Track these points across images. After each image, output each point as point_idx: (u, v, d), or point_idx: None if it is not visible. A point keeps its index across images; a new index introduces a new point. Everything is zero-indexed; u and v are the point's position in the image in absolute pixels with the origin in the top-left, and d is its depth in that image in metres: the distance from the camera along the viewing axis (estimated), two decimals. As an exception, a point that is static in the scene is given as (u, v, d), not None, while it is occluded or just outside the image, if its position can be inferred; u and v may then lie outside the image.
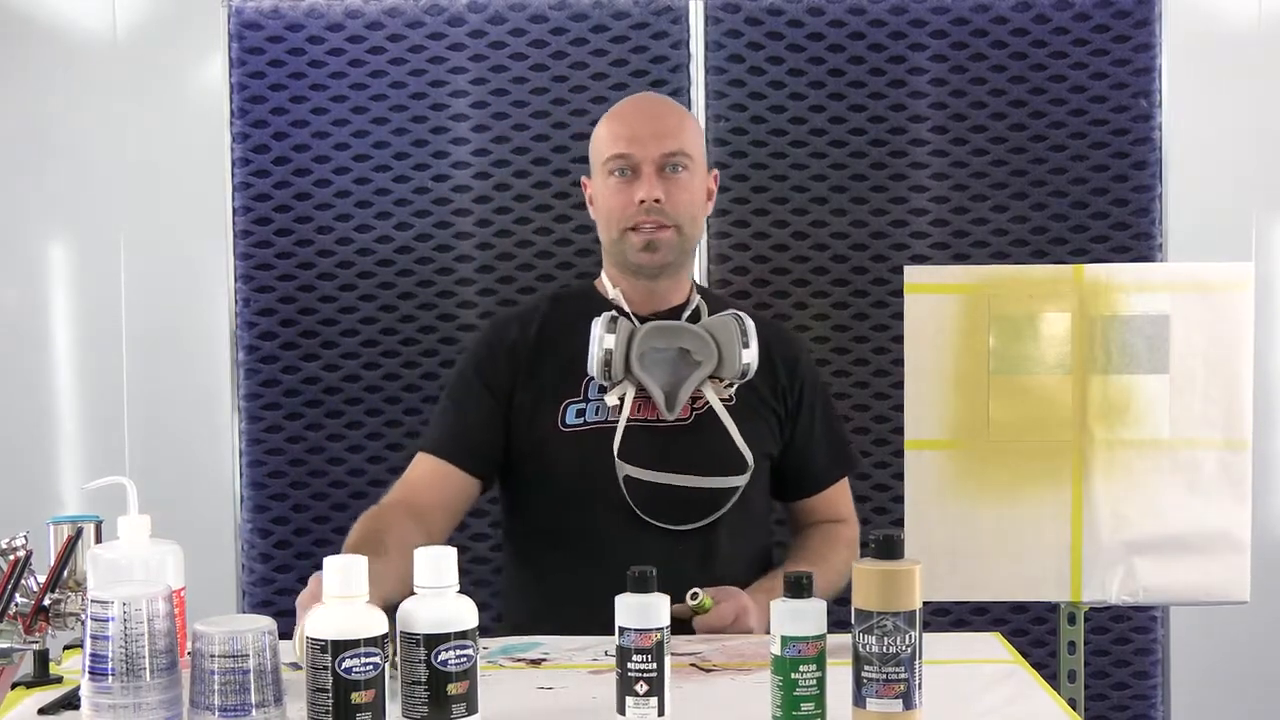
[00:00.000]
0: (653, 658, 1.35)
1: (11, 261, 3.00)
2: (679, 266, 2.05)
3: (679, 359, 1.97)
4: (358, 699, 1.27)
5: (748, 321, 1.98)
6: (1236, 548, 1.99)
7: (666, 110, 2.07)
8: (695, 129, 2.07)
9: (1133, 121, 2.42)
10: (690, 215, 2.02)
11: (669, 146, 1.99)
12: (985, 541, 2.00)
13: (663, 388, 1.97)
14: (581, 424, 2.00)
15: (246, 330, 2.46)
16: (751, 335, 1.96)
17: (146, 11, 2.98)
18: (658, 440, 1.98)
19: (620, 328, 1.96)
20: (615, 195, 2.01)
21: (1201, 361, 1.98)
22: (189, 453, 2.94)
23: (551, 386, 2.02)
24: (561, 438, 2.00)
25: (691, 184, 2.02)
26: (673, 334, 1.98)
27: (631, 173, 2.00)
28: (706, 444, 1.99)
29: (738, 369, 1.96)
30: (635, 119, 2.02)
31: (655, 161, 1.98)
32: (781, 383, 2.07)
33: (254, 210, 2.45)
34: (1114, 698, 2.45)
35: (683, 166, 2.00)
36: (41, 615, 1.54)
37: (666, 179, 1.99)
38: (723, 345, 1.96)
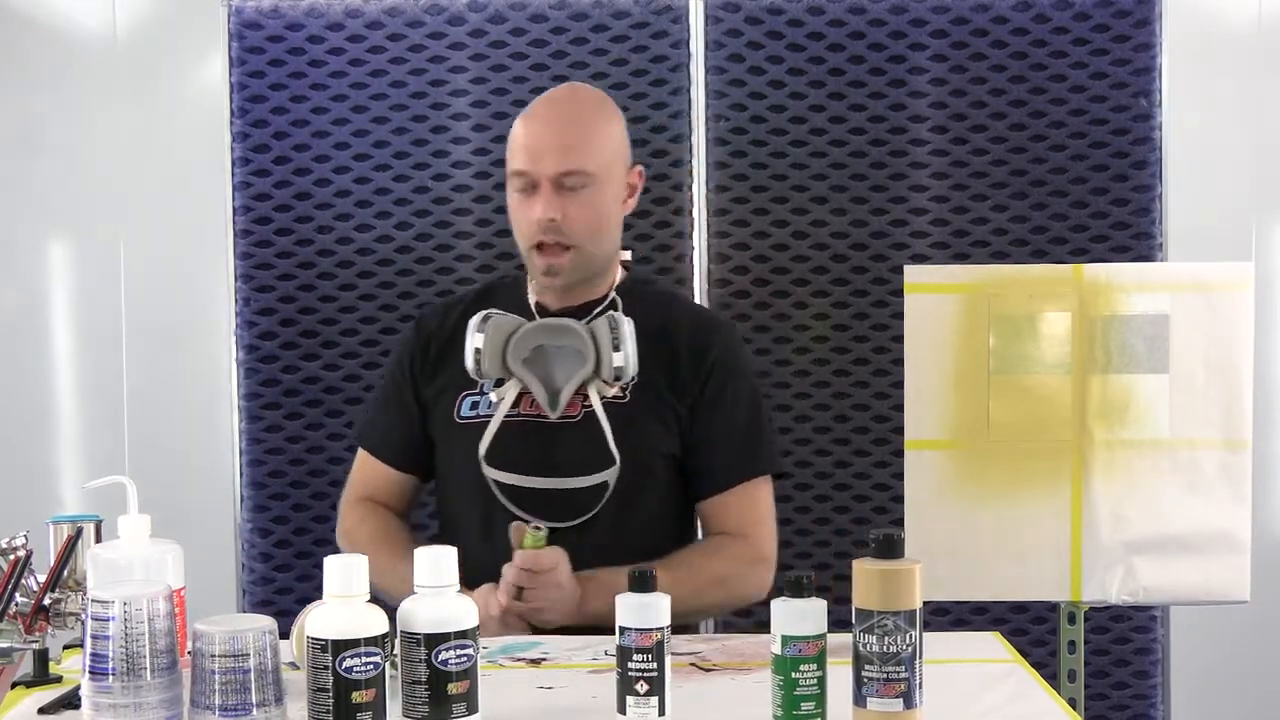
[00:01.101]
0: (653, 657, 1.35)
1: (11, 261, 3.00)
2: (588, 279, 2.02)
3: (575, 357, 1.94)
4: (358, 698, 1.27)
5: (623, 325, 1.92)
6: (1236, 548, 1.99)
7: (571, 120, 1.98)
8: (607, 136, 1.99)
9: (1133, 121, 2.42)
10: (591, 233, 1.97)
11: (565, 164, 1.93)
12: (985, 541, 2.00)
13: (548, 386, 1.95)
14: (474, 416, 2.00)
15: (246, 330, 2.46)
16: (625, 338, 1.91)
17: (146, 11, 2.98)
18: (537, 438, 1.96)
19: (492, 326, 1.94)
20: (518, 210, 1.98)
21: (1201, 361, 1.98)
22: (189, 452, 2.94)
23: (456, 379, 2.01)
24: (456, 429, 2.01)
25: (594, 200, 1.95)
26: (555, 332, 1.95)
27: (532, 188, 1.95)
28: (583, 443, 1.95)
29: (611, 372, 1.92)
30: (536, 132, 1.96)
31: (552, 179, 1.93)
32: (684, 377, 2.00)
33: (254, 210, 2.45)
34: (1114, 698, 2.45)
35: (583, 184, 1.94)
36: (41, 615, 1.54)
37: (565, 196, 1.94)
38: (600, 347, 1.93)
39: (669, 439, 2.00)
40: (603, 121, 2.00)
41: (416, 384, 2.07)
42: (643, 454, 1.96)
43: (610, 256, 2.04)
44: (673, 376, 2.00)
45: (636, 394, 1.97)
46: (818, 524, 2.45)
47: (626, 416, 1.95)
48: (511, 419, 1.96)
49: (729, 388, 2.01)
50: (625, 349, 1.91)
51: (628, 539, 1.94)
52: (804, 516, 2.45)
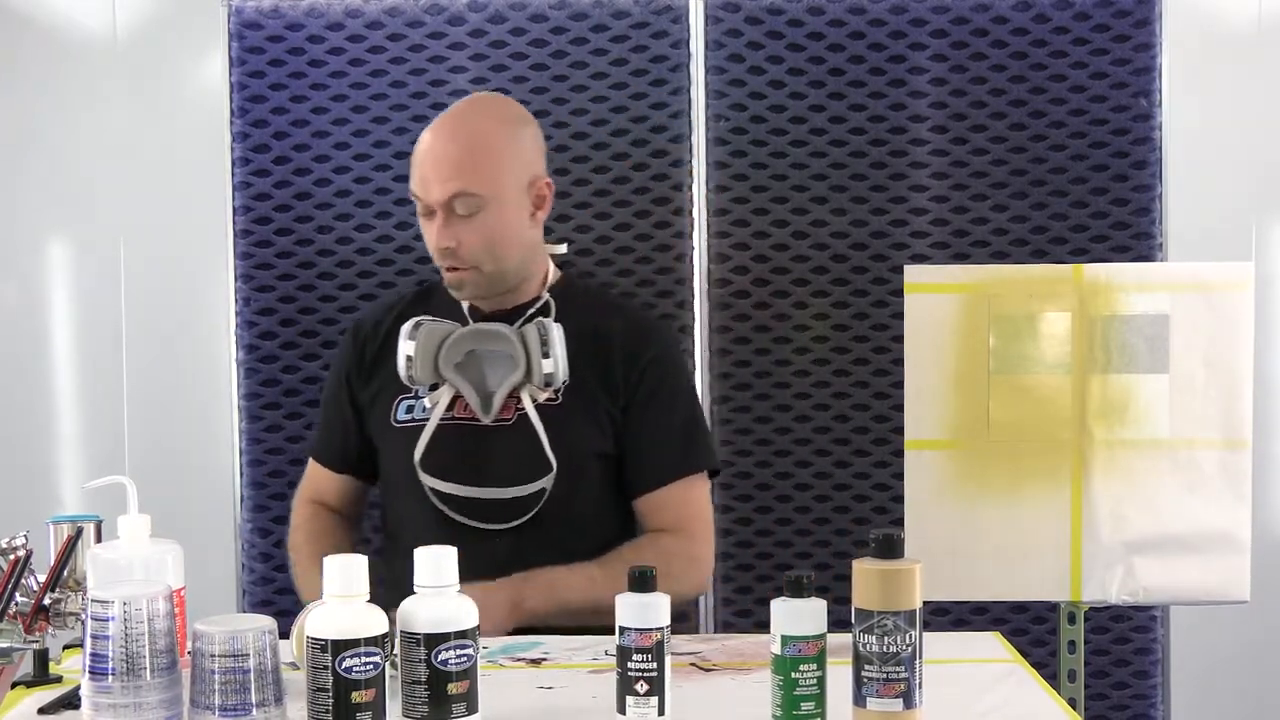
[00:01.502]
0: (653, 657, 1.35)
1: (11, 261, 3.00)
2: (502, 290, 2.03)
3: (507, 362, 1.96)
4: (358, 698, 1.27)
5: (552, 332, 1.94)
6: (1236, 548, 1.99)
7: (466, 141, 1.96)
8: (498, 154, 1.96)
9: (1133, 121, 2.42)
10: (489, 255, 1.97)
11: (452, 189, 1.93)
12: (985, 541, 2.00)
13: (481, 390, 1.97)
14: (409, 420, 2.02)
15: (246, 330, 2.46)
16: (554, 344, 1.93)
17: (146, 11, 2.98)
18: (472, 442, 1.98)
19: (423, 333, 1.96)
20: (423, 228, 2.01)
21: (1201, 361, 1.98)
22: (189, 452, 2.94)
23: (392, 382, 2.02)
24: (393, 433, 2.03)
25: (488, 222, 1.95)
26: (485, 337, 1.98)
27: (429, 213, 1.97)
28: (518, 447, 1.96)
29: (541, 378, 1.94)
30: (428, 157, 1.96)
31: (444, 205, 1.94)
32: (616, 378, 2.02)
33: (254, 210, 2.45)
34: (1114, 698, 2.45)
35: (475, 208, 1.94)
36: (41, 615, 1.54)
37: (459, 221, 1.94)
38: (530, 353, 1.95)
39: (603, 439, 2.01)
40: (499, 139, 1.98)
41: (352, 388, 2.10)
42: (577, 456, 1.98)
43: (522, 268, 2.04)
44: (606, 377, 2.02)
45: (569, 396, 1.99)
46: (817, 524, 2.45)
47: (559, 419, 1.97)
48: (446, 423, 1.98)
49: (664, 387, 2.04)
50: (555, 355, 1.93)
51: (566, 539, 1.97)
52: (804, 516, 2.45)
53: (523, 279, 2.05)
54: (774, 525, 2.45)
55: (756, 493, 2.45)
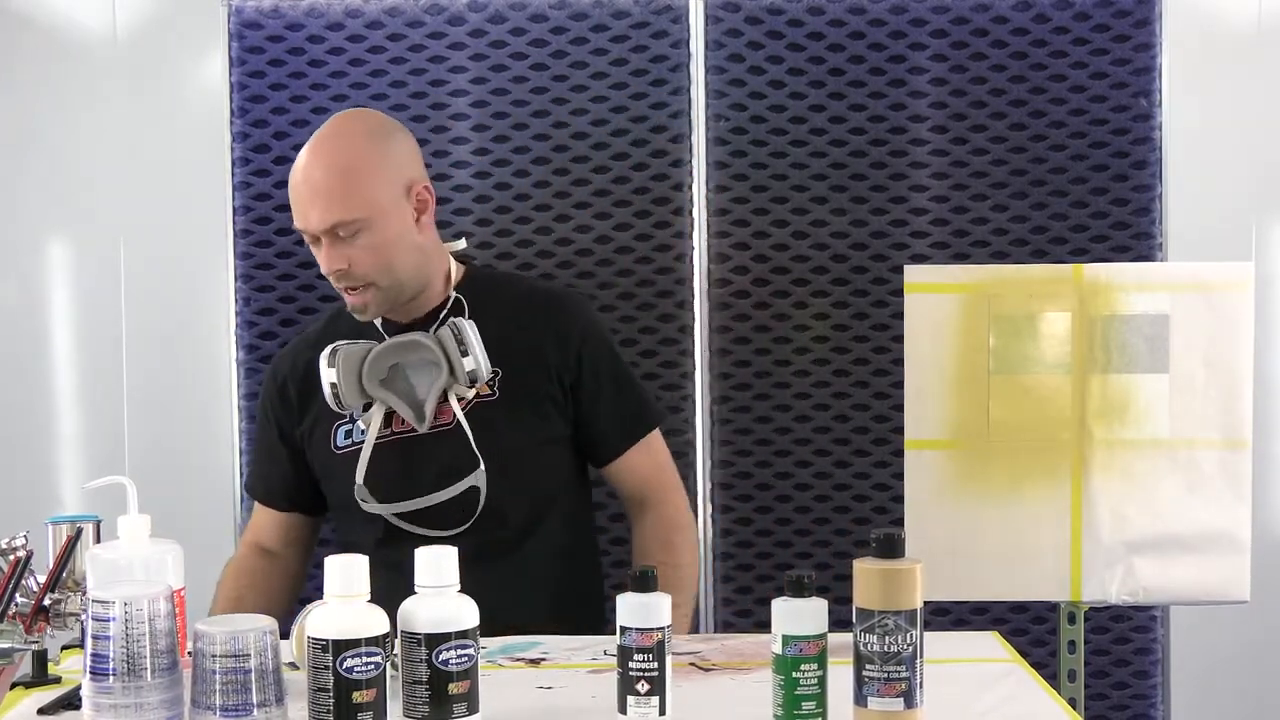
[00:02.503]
0: (654, 657, 1.35)
1: (11, 261, 3.00)
2: (406, 299, 2.01)
3: (430, 368, 1.96)
4: (359, 698, 1.27)
5: (466, 329, 1.94)
6: (1236, 547, 1.99)
7: (331, 167, 1.92)
8: (368, 174, 1.92)
9: (1133, 121, 2.42)
10: (382, 268, 1.95)
11: (331, 219, 1.90)
12: (985, 541, 2.00)
13: (411, 401, 1.96)
14: (350, 445, 2.01)
15: (246, 330, 2.46)
16: (470, 343, 1.93)
17: (146, 11, 2.98)
18: (413, 453, 1.98)
19: (342, 357, 1.95)
20: (315, 254, 1.98)
21: (1201, 361, 1.99)
22: (189, 452, 2.94)
23: (325, 411, 2.02)
24: (335, 459, 2.02)
25: (373, 241, 1.93)
26: (404, 349, 1.97)
27: (315, 241, 1.95)
28: (453, 450, 1.96)
29: (465, 378, 1.94)
30: (301, 188, 1.93)
31: (326, 233, 1.92)
32: (552, 363, 2.02)
33: (254, 210, 2.45)
34: (1114, 698, 2.45)
35: (356, 230, 1.91)
36: (41, 615, 1.54)
37: (344, 244, 1.92)
38: (450, 354, 1.94)
39: (548, 424, 2.02)
40: (367, 157, 1.94)
41: (280, 427, 2.10)
42: (515, 447, 1.98)
43: (420, 274, 2.01)
44: (541, 357, 2.02)
45: (505, 387, 1.99)
46: (818, 524, 2.45)
47: (498, 411, 1.98)
48: (385, 440, 1.98)
49: (601, 357, 2.07)
50: (473, 352, 1.94)
51: (521, 531, 1.99)
52: (804, 516, 2.45)
53: (424, 285, 2.02)
54: (774, 525, 2.45)
55: (757, 493, 2.45)
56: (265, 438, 2.14)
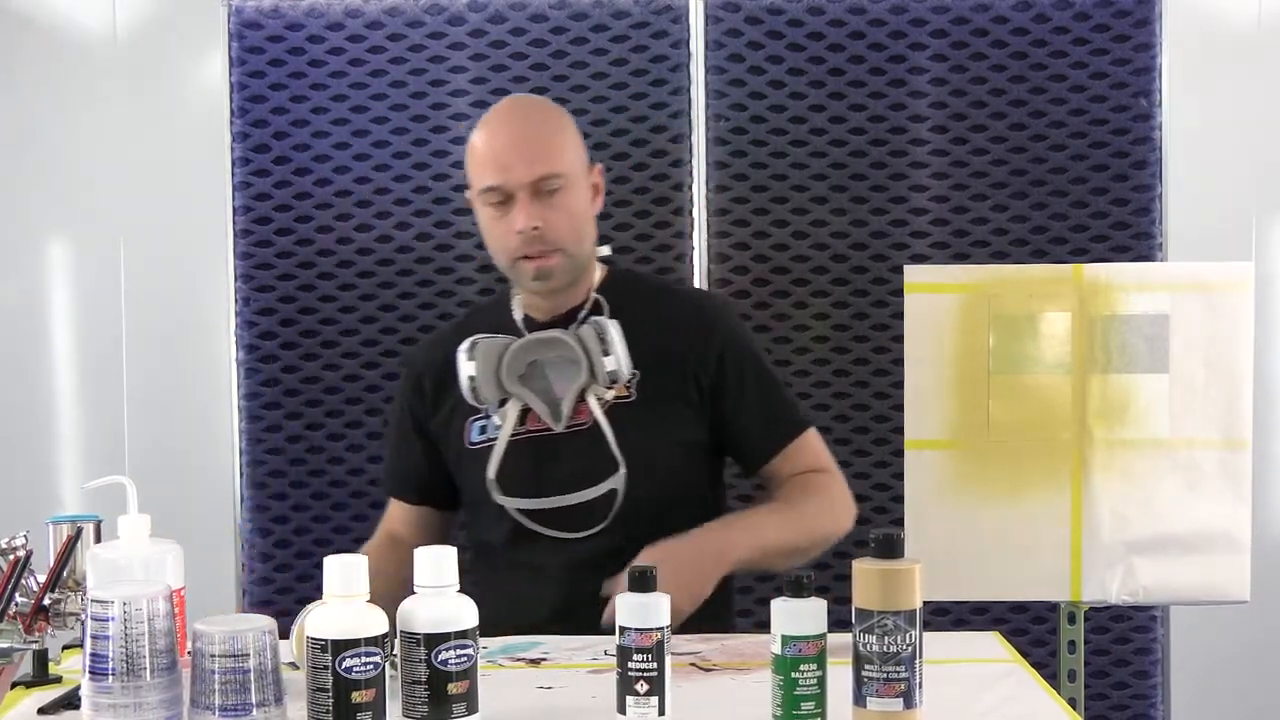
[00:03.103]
0: (653, 657, 1.35)
1: (11, 261, 3.00)
2: (576, 281, 2.01)
3: (569, 366, 1.94)
4: (358, 698, 1.27)
5: (609, 329, 1.92)
6: (1236, 547, 1.99)
7: (535, 125, 1.98)
8: (568, 136, 1.99)
9: (1133, 121, 2.42)
10: (574, 234, 1.96)
11: (540, 170, 1.92)
12: (985, 541, 2.00)
13: (548, 399, 1.94)
14: (484, 440, 2.00)
15: (246, 330, 2.46)
16: (613, 343, 1.91)
17: (146, 11, 2.98)
18: (546, 453, 1.96)
19: (482, 352, 1.94)
20: (495, 226, 1.97)
21: (1201, 361, 1.99)
22: (189, 452, 2.94)
23: (461, 406, 2.01)
24: (469, 454, 2.01)
25: (570, 201, 1.95)
26: (544, 345, 1.95)
27: (507, 201, 1.94)
28: (589, 451, 1.94)
29: (605, 378, 1.92)
30: (504, 143, 1.95)
31: (528, 187, 1.92)
32: (691, 367, 2.00)
33: (254, 210, 2.45)
34: (1114, 698, 2.45)
35: (558, 187, 1.93)
36: (41, 615, 1.54)
37: (543, 203, 1.93)
38: (590, 353, 1.93)
39: (685, 428, 2.00)
40: (560, 123, 2.00)
41: (416, 420, 2.09)
42: (653, 450, 1.96)
43: (591, 257, 2.04)
44: (681, 361, 2.00)
45: (644, 388, 1.97)
46: (818, 524, 2.45)
47: (635, 414, 1.96)
48: (520, 436, 1.97)
49: (745, 362, 2.03)
50: (615, 351, 1.92)
51: (653, 535, 1.92)
52: (804, 516, 2.45)
53: (584, 272, 2.02)
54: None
55: (757, 492, 2.45)
56: (399, 431, 2.13)
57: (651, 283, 2.23)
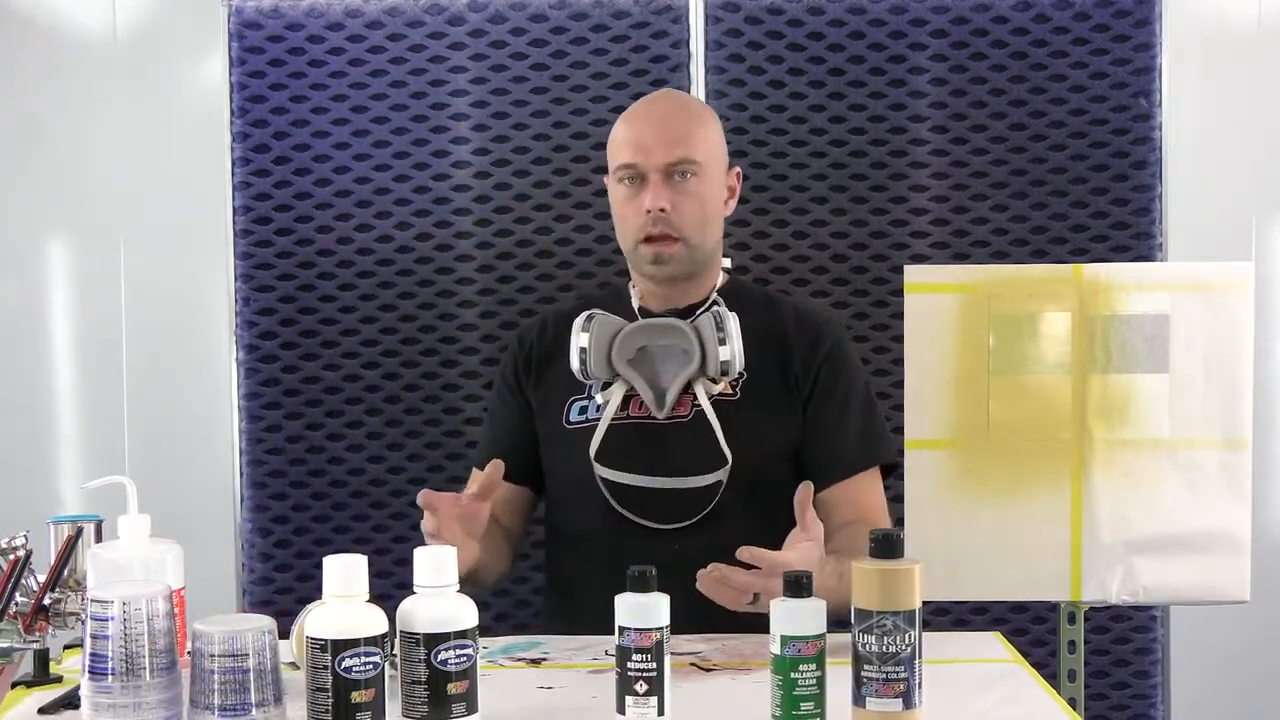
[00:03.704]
0: (652, 657, 1.35)
1: (11, 261, 3.00)
2: (694, 274, 2.03)
3: (680, 357, 1.95)
4: (358, 698, 1.27)
5: (728, 320, 1.93)
6: (1236, 548, 1.99)
7: (678, 113, 2.02)
8: (710, 130, 2.03)
9: (1133, 121, 2.42)
10: (699, 225, 1.98)
11: (675, 154, 1.96)
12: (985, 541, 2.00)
13: (654, 386, 1.95)
14: (583, 420, 2.00)
15: (246, 330, 2.46)
16: (731, 334, 1.92)
17: (146, 11, 2.98)
18: (647, 439, 1.96)
19: (597, 325, 1.95)
20: (625, 204, 2.00)
21: (1201, 361, 1.98)
22: (189, 453, 2.94)
23: (563, 385, 2.02)
24: (564, 434, 2.01)
25: (701, 191, 1.98)
26: (658, 331, 1.96)
27: (640, 180, 1.97)
28: (693, 442, 1.95)
29: (717, 366, 1.92)
30: (644, 125, 1.99)
31: (662, 170, 1.95)
32: (795, 370, 2.01)
33: (254, 210, 2.45)
34: (1114, 698, 2.45)
35: (691, 174, 1.97)
36: (41, 615, 1.54)
37: (674, 187, 1.96)
38: (705, 343, 1.93)
39: (784, 434, 2.00)
40: (705, 116, 2.04)
41: (523, 391, 2.08)
42: (754, 452, 1.96)
43: (714, 254, 2.06)
44: (785, 369, 2.01)
45: (748, 390, 1.98)
46: (818, 524, 2.44)
47: (738, 413, 1.96)
48: (620, 421, 1.97)
49: (842, 376, 2.03)
50: (732, 344, 1.92)
51: (743, 537, 1.84)
52: (804, 516, 2.44)
53: (706, 267, 2.04)
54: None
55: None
56: (504, 409, 2.10)
57: (767, 293, 2.23)
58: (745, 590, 1.61)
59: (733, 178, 2.07)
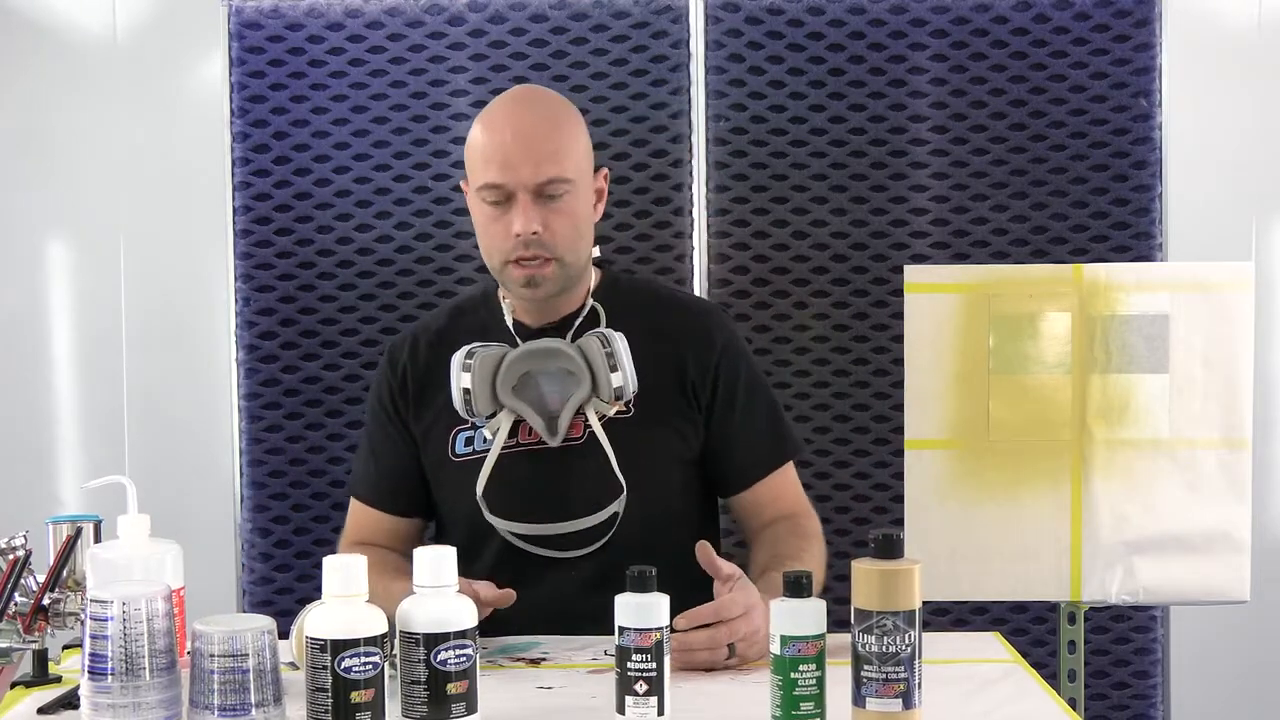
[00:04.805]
0: (652, 657, 1.35)
1: (11, 261, 3.00)
2: (566, 289, 1.92)
3: (566, 378, 1.86)
4: (357, 698, 1.27)
5: (615, 342, 1.84)
6: (1236, 548, 1.99)
7: (545, 124, 1.87)
8: (576, 137, 1.89)
9: (1133, 121, 2.42)
10: (573, 243, 1.87)
11: (546, 173, 1.83)
12: (985, 541, 2.00)
13: (543, 412, 1.86)
14: (470, 453, 1.91)
15: (246, 330, 2.46)
16: (620, 357, 1.83)
17: (146, 11, 2.98)
18: (540, 468, 1.88)
19: (479, 360, 1.84)
20: (490, 225, 1.87)
21: (1201, 361, 1.98)
22: (189, 453, 2.94)
23: (443, 414, 1.92)
24: (452, 467, 1.93)
25: (573, 207, 1.86)
26: (544, 356, 1.86)
27: (506, 201, 1.84)
28: (588, 469, 1.87)
29: (610, 393, 1.84)
30: (509, 141, 1.84)
31: (531, 190, 1.83)
32: (691, 379, 1.94)
33: (254, 210, 2.45)
34: (1114, 698, 2.45)
35: (564, 193, 1.84)
36: (41, 615, 1.54)
37: (544, 206, 1.84)
38: (595, 368, 1.84)
39: (684, 445, 1.94)
40: (572, 123, 1.91)
41: (404, 421, 1.98)
42: (654, 469, 1.90)
43: (586, 265, 1.96)
44: (680, 377, 1.94)
45: (642, 404, 1.90)
46: (818, 524, 2.45)
47: (634, 432, 1.89)
48: (510, 451, 1.88)
49: (740, 374, 1.97)
50: (623, 368, 1.84)
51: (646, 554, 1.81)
52: (804, 516, 2.45)
53: (578, 279, 1.93)
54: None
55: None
56: (384, 436, 1.99)
57: (647, 288, 2.13)
58: (712, 647, 1.59)
59: (600, 179, 1.96)
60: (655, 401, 1.91)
